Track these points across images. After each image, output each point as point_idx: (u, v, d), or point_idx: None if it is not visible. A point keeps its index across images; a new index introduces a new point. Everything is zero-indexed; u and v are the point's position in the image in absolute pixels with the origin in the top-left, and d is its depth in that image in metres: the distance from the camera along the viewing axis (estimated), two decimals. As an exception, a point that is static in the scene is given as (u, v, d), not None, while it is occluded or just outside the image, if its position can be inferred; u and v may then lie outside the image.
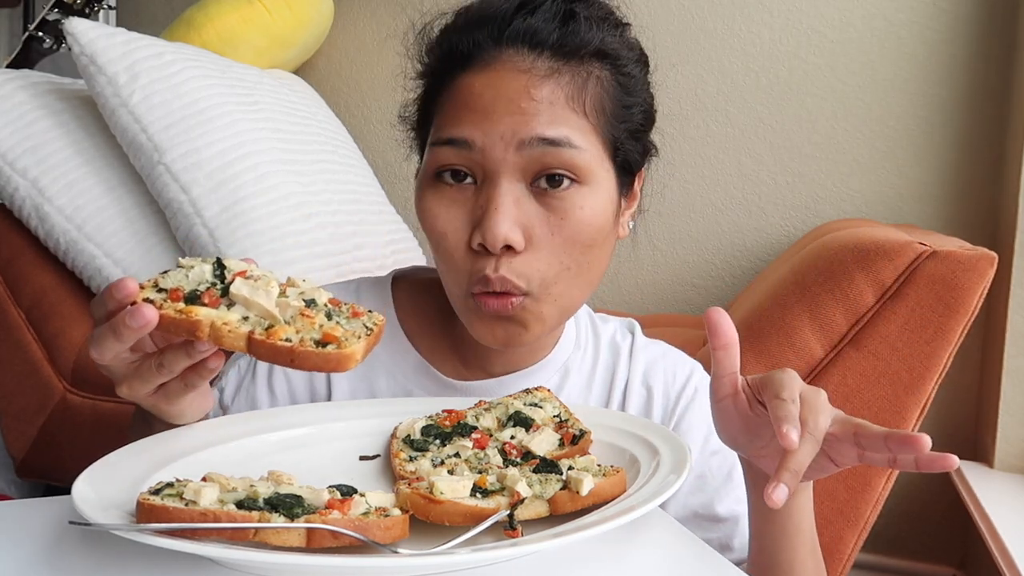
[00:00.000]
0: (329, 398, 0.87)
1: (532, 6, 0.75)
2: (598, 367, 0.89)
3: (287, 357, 0.59)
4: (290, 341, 0.59)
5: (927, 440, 0.59)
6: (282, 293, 0.62)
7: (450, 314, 0.82)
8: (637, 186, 0.84)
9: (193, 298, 0.61)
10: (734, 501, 0.84)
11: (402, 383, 0.85)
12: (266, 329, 0.60)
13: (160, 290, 0.61)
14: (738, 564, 0.77)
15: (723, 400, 0.67)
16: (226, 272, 0.62)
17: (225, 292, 0.61)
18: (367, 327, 0.62)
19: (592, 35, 0.75)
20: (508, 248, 0.72)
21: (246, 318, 0.61)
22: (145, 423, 0.75)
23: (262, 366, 0.88)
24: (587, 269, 0.77)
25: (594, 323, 0.93)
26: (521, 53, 0.74)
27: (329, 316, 0.62)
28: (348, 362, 0.59)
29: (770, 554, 0.74)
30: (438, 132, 0.76)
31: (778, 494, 0.58)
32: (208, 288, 0.61)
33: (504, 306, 0.74)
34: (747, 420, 0.66)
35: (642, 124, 0.81)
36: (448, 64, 0.77)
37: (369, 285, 0.91)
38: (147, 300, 0.60)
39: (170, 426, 0.72)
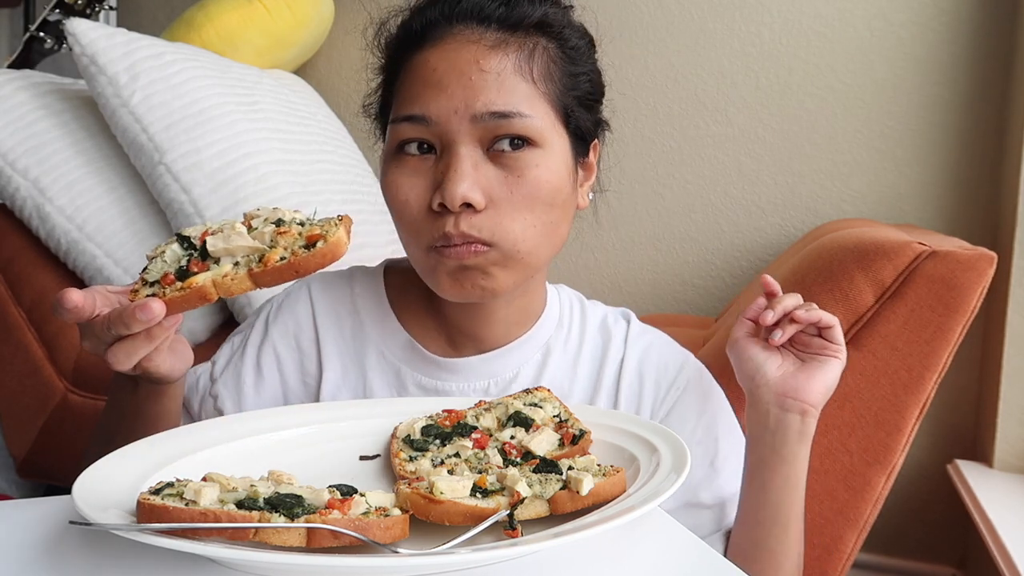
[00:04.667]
0: (320, 375, 0.89)
1: None
2: (584, 348, 0.91)
3: (291, 271, 0.64)
4: (284, 259, 0.64)
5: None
6: (250, 229, 0.67)
7: (435, 296, 0.85)
8: (592, 158, 0.88)
9: (183, 273, 0.65)
10: (717, 488, 0.87)
11: (391, 360, 0.89)
12: (259, 261, 0.64)
13: (151, 283, 0.66)
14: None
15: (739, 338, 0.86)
16: (192, 240, 0.66)
17: (204, 255, 0.66)
18: (337, 216, 0.67)
19: (534, 9, 0.81)
20: (468, 207, 0.76)
21: (237, 263, 0.65)
22: (125, 391, 0.79)
23: (251, 344, 0.92)
24: (552, 229, 0.81)
25: (582, 304, 0.96)
26: (470, 27, 0.79)
27: (302, 224, 0.67)
28: (340, 248, 0.65)
29: (773, 506, 0.81)
30: (398, 110, 0.80)
31: (776, 334, 0.82)
32: (190, 260, 0.66)
33: (466, 253, 0.77)
34: (761, 346, 0.84)
35: (590, 93, 0.85)
36: (404, 46, 0.82)
37: (362, 271, 0.95)
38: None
39: (156, 387, 0.76)
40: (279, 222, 0.67)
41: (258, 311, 0.95)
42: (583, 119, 0.83)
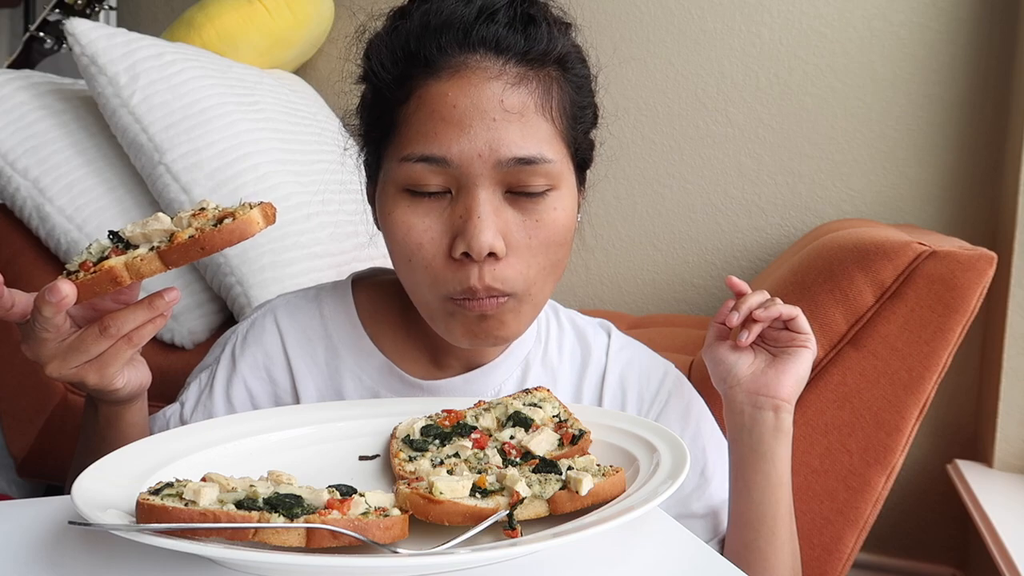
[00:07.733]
0: (297, 403, 0.87)
1: (491, 10, 0.75)
2: (563, 361, 0.91)
3: (197, 248, 0.63)
4: (193, 237, 0.63)
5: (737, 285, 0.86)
6: (177, 221, 0.67)
7: (413, 316, 0.83)
8: (586, 183, 0.87)
9: (103, 260, 0.65)
10: (708, 497, 0.87)
11: (368, 385, 0.86)
12: (169, 240, 0.64)
13: (71, 273, 0.66)
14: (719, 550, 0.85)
15: (714, 342, 0.86)
16: (121, 235, 0.67)
17: (127, 246, 0.66)
18: (258, 202, 0.67)
19: (555, 41, 0.76)
20: (491, 255, 0.73)
21: (153, 248, 0.65)
22: (92, 412, 0.78)
23: (219, 380, 0.88)
24: (560, 266, 0.79)
25: (557, 315, 0.95)
26: (488, 59, 0.74)
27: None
28: (250, 226, 0.63)
29: (758, 505, 0.81)
30: (411, 147, 0.74)
31: (742, 335, 0.82)
32: (112, 248, 0.66)
33: (490, 306, 0.75)
34: (731, 348, 0.85)
35: (593, 123, 0.83)
36: (408, 69, 0.76)
37: (329, 290, 0.91)
38: None
39: (114, 410, 0.76)
40: (202, 210, 0.67)
41: (221, 343, 0.91)
42: (586, 149, 0.82)
